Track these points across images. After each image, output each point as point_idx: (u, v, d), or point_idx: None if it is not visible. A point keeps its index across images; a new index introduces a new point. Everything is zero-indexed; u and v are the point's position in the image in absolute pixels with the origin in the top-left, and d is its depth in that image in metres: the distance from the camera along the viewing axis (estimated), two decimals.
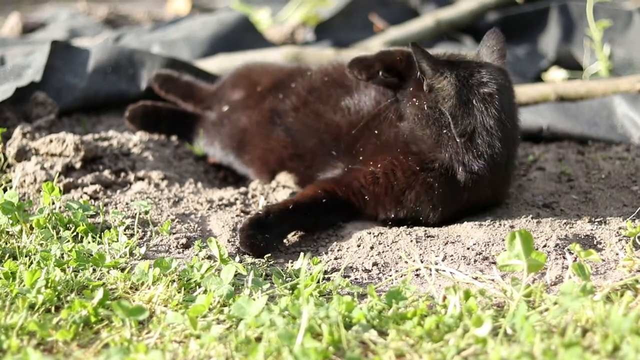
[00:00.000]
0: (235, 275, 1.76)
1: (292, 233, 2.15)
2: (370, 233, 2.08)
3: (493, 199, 2.20)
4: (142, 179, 2.45)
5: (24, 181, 2.32)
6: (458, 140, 1.99)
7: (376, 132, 2.18)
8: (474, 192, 2.08)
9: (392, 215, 2.15)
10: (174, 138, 2.80)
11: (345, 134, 2.26)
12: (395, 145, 2.13)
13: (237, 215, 2.22)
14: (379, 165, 2.12)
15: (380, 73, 2.18)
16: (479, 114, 1.98)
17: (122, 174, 2.46)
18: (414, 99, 2.06)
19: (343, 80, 2.36)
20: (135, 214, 2.15)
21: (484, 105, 1.98)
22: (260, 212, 2.04)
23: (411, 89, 2.08)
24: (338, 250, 2.03)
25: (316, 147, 2.32)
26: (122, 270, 1.83)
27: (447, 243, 2.00)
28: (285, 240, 2.10)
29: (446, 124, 1.99)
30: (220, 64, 3.30)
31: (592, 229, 2.06)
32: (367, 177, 2.14)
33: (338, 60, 2.54)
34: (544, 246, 1.93)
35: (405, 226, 2.15)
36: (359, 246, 2.03)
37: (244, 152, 2.54)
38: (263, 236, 1.99)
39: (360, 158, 2.18)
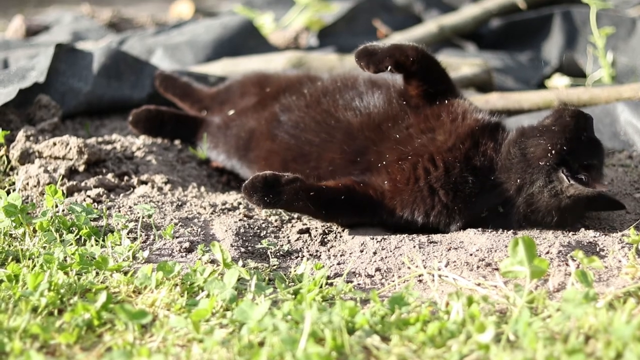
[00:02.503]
0: (238, 280, 1.76)
1: (296, 237, 2.15)
2: (373, 239, 2.08)
3: None
4: (145, 182, 2.45)
5: (27, 184, 2.32)
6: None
7: (397, 136, 2.22)
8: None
9: (407, 215, 2.17)
10: (177, 142, 2.80)
11: (357, 131, 2.28)
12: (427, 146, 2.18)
13: (240, 220, 2.22)
14: (406, 165, 2.16)
15: (389, 69, 2.22)
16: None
17: (126, 178, 2.46)
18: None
19: (355, 85, 2.41)
20: (139, 218, 2.15)
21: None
22: (283, 176, 2.09)
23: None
24: (341, 256, 2.03)
25: (324, 143, 2.32)
26: (125, 273, 1.83)
27: (450, 249, 2.00)
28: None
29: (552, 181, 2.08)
30: (224, 67, 3.31)
31: (595, 236, 2.06)
32: (395, 173, 2.17)
33: (347, 71, 2.60)
34: (547, 253, 1.93)
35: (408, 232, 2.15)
36: (361, 251, 2.03)
37: (249, 155, 2.54)
38: (269, 193, 2.07)
39: (383, 162, 2.20)
